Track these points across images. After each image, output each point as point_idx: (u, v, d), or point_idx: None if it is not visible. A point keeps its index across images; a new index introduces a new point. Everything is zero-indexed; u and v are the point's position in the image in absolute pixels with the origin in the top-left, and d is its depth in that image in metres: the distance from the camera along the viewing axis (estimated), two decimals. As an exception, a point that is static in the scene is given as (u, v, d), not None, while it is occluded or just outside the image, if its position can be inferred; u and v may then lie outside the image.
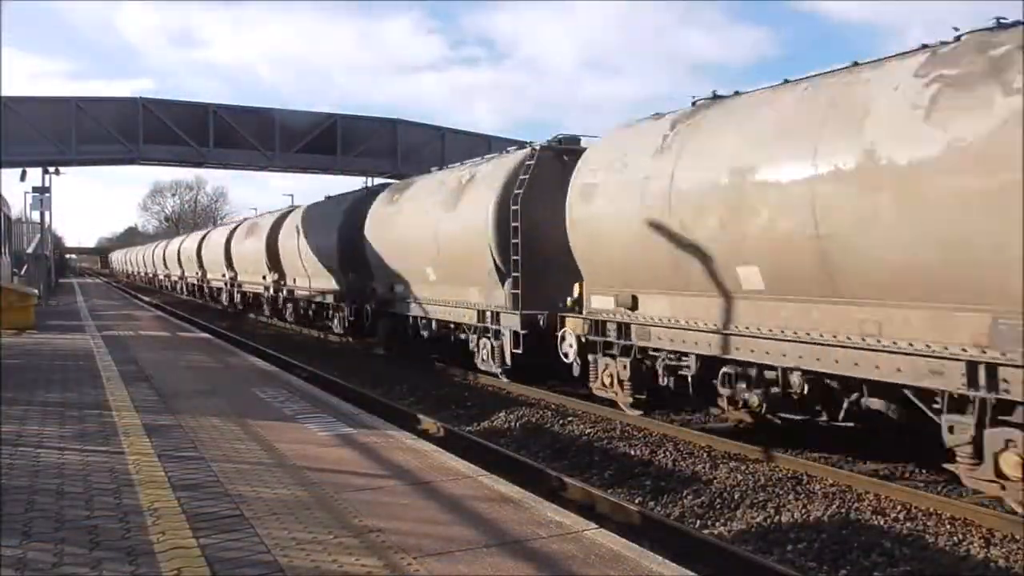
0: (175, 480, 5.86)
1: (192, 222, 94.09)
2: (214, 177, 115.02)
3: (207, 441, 7.22)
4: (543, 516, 5.15)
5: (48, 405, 9.09)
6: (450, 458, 6.77)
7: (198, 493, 5.54)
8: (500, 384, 13.93)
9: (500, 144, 22.74)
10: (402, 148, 29.25)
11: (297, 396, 9.93)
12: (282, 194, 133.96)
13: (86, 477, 5.96)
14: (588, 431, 10.49)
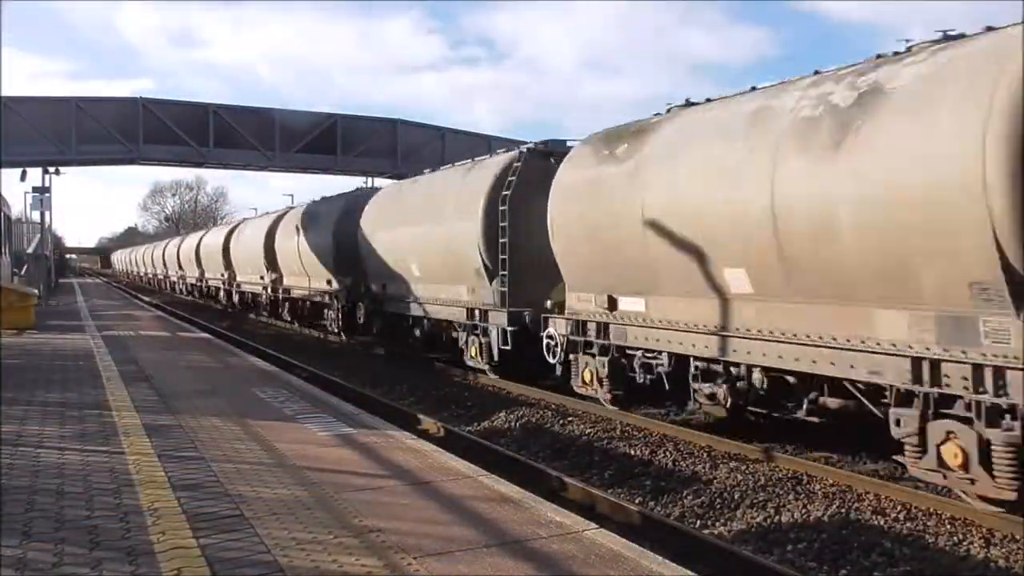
0: (175, 480, 5.86)
1: (192, 222, 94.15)
2: (214, 177, 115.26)
3: (207, 441, 7.22)
4: (543, 516, 5.15)
5: (48, 405, 9.10)
6: (450, 458, 6.77)
7: (198, 493, 5.54)
8: (500, 384, 13.95)
9: (500, 144, 22.75)
10: (402, 148, 29.29)
11: (297, 396, 9.93)
12: (282, 194, 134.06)
13: (86, 477, 5.96)
14: (588, 431, 10.50)
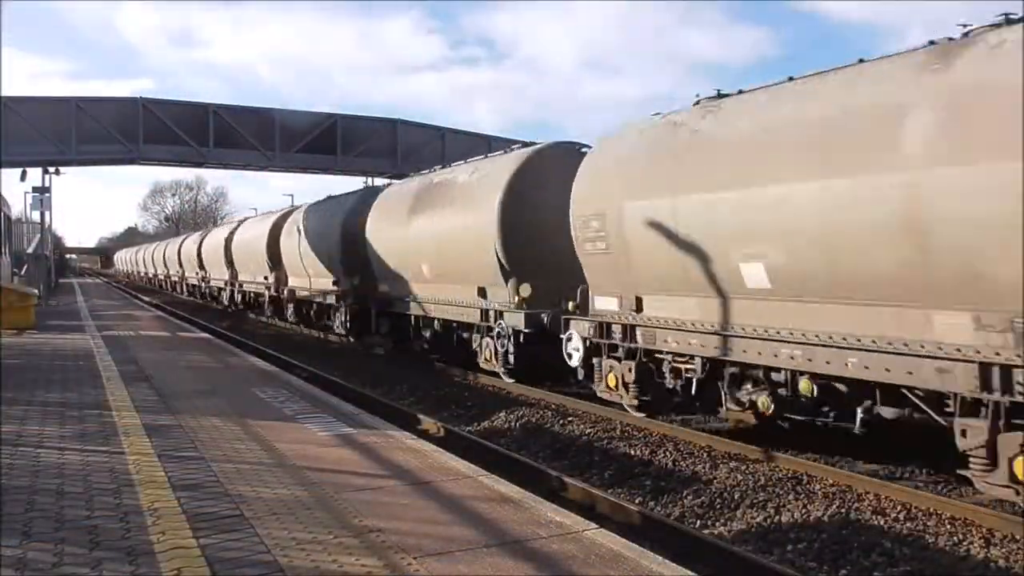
0: (175, 480, 5.86)
1: (192, 222, 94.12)
2: (214, 177, 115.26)
3: (207, 441, 7.22)
4: (543, 516, 5.15)
5: (48, 405, 9.10)
6: (450, 458, 6.77)
7: (198, 493, 5.55)
8: (500, 384, 13.93)
9: (500, 144, 22.72)
10: (402, 148, 29.28)
11: (297, 396, 9.93)
12: (282, 194, 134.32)
13: (86, 477, 5.96)
14: (588, 431, 10.50)
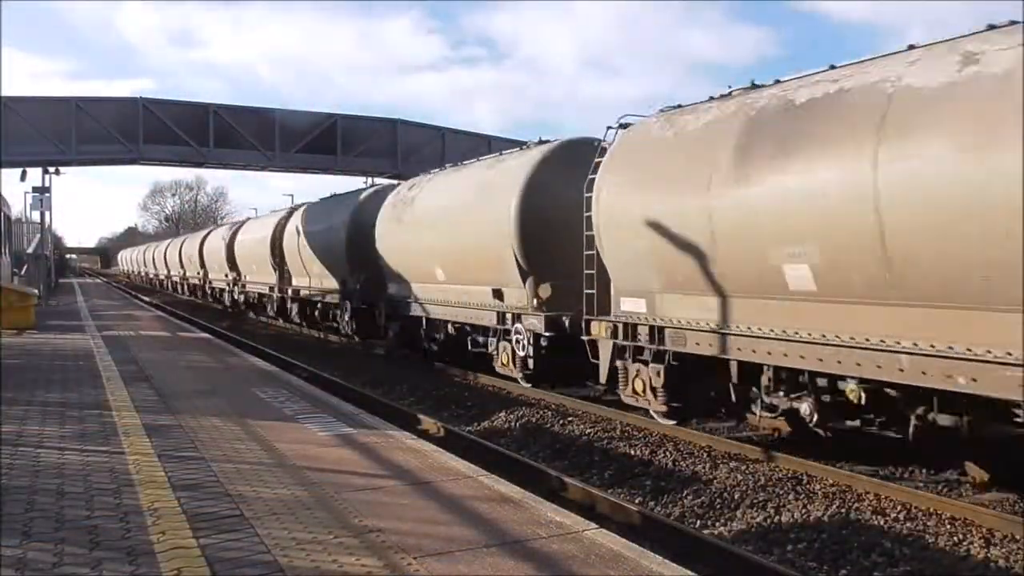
0: (175, 480, 5.86)
1: (192, 222, 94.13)
2: (214, 177, 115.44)
3: (207, 441, 7.22)
4: (543, 516, 5.15)
5: (48, 405, 9.09)
6: (450, 458, 6.77)
7: (198, 493, 5.54)
8: (500, 384, 13.91)
9: (500, 144, 22.75)
10: (402, 148, 29.27)
11: (297, 396, 9.93)
12: (282, 194, 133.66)
13: (86, 477, 5.96)
14: (588, 431, 10.50)
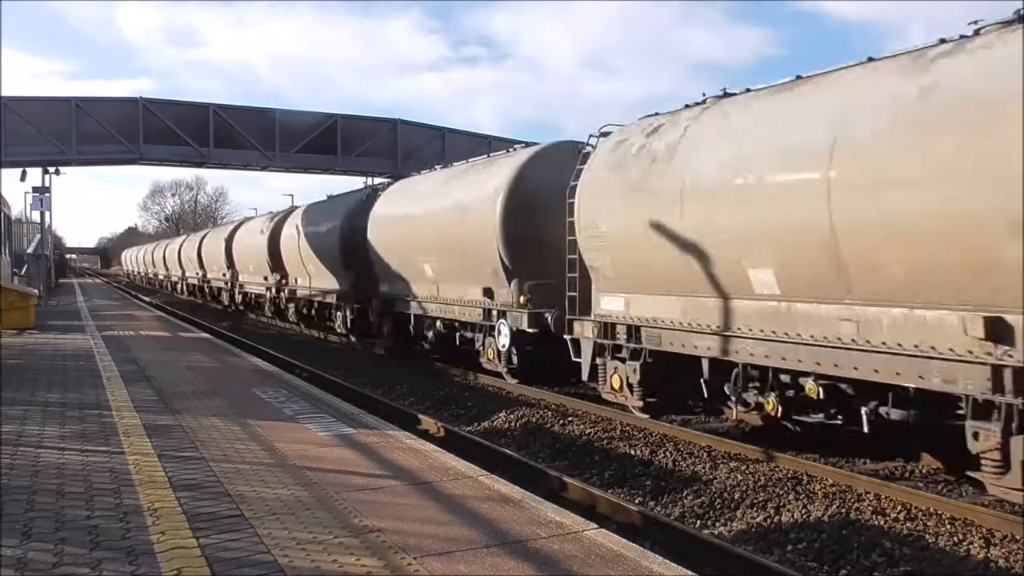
0: (175, 480, 5.86)
1: (192, 222, 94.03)
2: (214, 177, 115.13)
3: (207, 441, 7.22)
4: (543, 516, 5.15)
5: (48, 405, 9.09)
6: (450, 458, 6.77)
7: (198, 493, 5.54)
8: (500, 384, 13.92)
9: (500, 144, 22.71)
10: (402, 148, 29.24)
11: (297, 396, 9.93)
12: (282, 194, 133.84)
13: (86, 477, 5.96)
14: (588, 431, 10.49)
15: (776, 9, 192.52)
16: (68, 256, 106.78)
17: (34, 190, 30.87)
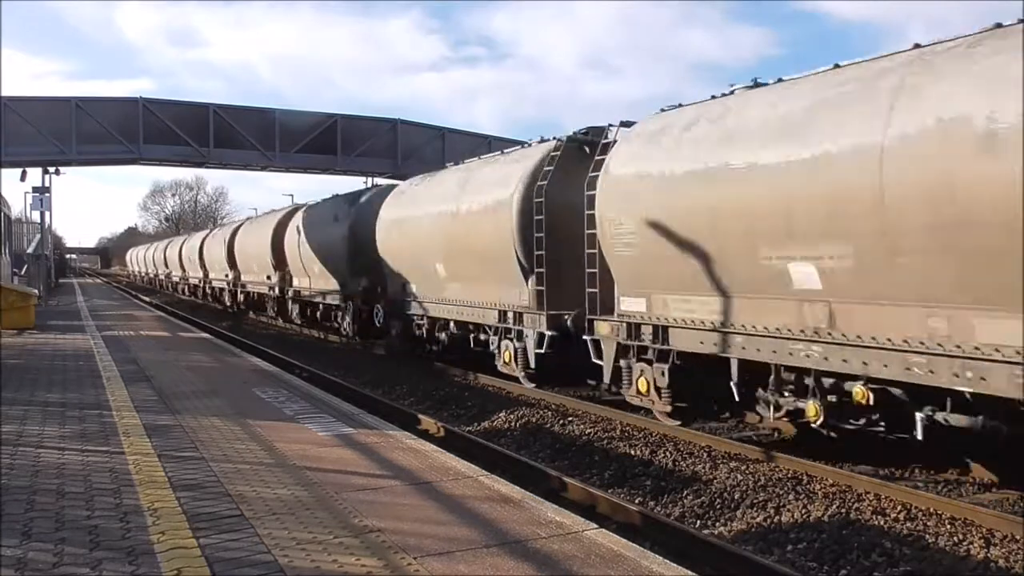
0: (175, 480, 5.86)
1: (192, 222, 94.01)
2: (214, 177, 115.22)
3: (207, 441, 7.22)
4: (543, 516, 5.15)
5: (48, 405, 9.09)
6: (450, 458, 6.77)
7: (198, 493, 5.54)
8: (500, 384, 13.90)
9: (500, 144, 22.69)
10: (402, 148, 29.24)
11: (297, 396, 9.93)
12: (282, 194, 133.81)
13: (86, 477, 5.96)
14: (588, 431, 10.49)
15: (776, 9, 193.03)
16: (68, 256, 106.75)
17: (34, 190, 30.88)
